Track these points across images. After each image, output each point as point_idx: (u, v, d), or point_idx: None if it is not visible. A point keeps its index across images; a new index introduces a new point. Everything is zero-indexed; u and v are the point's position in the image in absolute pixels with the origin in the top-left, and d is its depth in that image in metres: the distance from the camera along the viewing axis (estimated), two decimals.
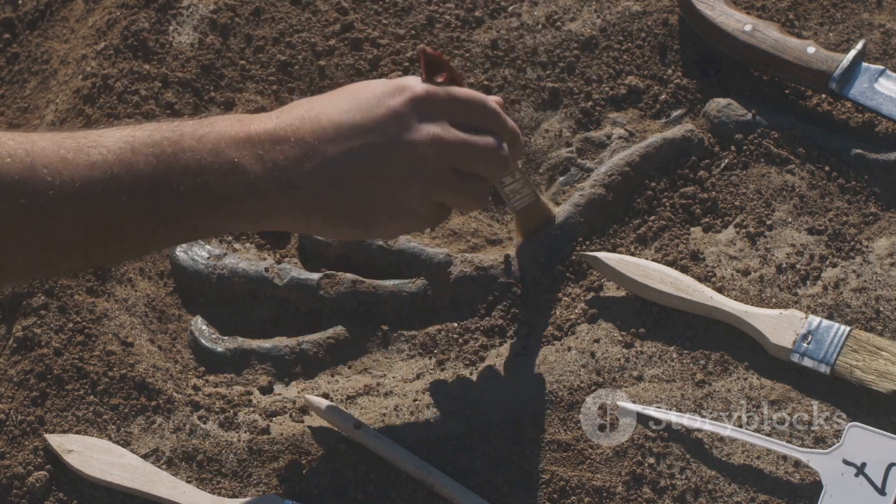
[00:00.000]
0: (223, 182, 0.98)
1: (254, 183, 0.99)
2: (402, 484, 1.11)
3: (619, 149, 1.27)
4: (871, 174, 1.23)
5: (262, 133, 1.00)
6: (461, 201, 1.08)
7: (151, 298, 1.25)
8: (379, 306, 1.22)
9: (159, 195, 0.97)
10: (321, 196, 1.01)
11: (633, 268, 1.18)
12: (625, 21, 1.34)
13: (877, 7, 1.33)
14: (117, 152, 0.95)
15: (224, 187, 0.98)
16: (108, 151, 0.95)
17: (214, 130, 0.99)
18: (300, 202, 1.01)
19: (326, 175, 1.01)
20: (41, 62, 1.44)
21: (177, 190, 0.97)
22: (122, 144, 0.96)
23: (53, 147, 0.94)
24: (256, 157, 0.99)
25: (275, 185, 1.00)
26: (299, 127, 1.01)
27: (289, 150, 1.00)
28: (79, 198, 0.93)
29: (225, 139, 0.99)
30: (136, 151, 0.96)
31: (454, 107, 1.05)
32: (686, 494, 1.08)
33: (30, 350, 1.18)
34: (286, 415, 1.16)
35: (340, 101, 1.04)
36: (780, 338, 1.12)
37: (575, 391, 1.14)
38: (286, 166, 1.00)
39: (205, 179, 0.98)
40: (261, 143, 1.00)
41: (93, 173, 0.94)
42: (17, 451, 1.14)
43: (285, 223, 1.05)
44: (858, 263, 1.17)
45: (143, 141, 0.97)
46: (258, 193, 0.99)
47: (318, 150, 1.01)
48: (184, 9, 1.39)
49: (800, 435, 1.09)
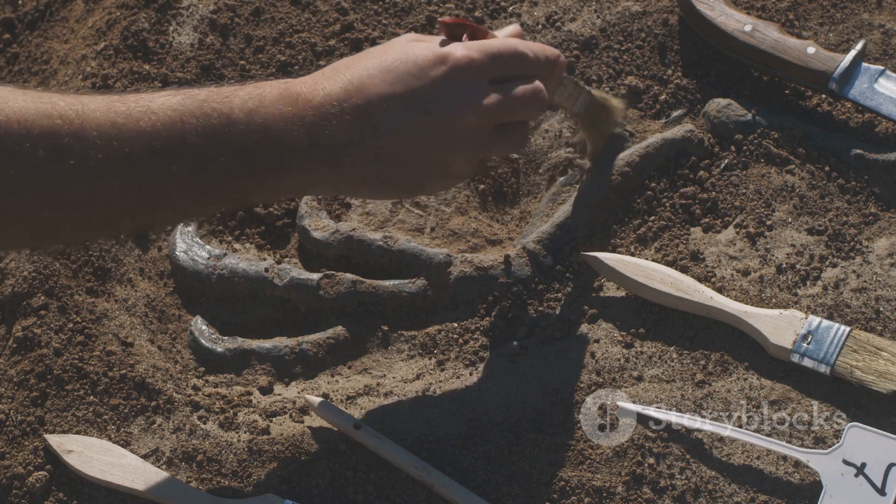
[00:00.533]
0: (270, 157, 1.00)
1: (301, 159, 1.02)
2: (402, 484, 1.11)
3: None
4: (871, 174, 1.23)
5: (309, 108, 1.02)
6: (504, 151, 1.12)
7: (151, 298, 1.25)
8: (379, 306, 1.22)
9: (205, 166, 0.99)
10: (366, 169, 1.04)
11: (633, 268, 1.18)
12: (625, 21, 1.34)
13: (877, 7, 1.33)
14: (166, 121, 0.97)
15: (270, 161, 1.01)
16: (158, 119, 0.97)
17: (263, 105, 1.01)
18: (346, 175, 1.04)
19: (373, 150, 1.03)
20: (41, 62, 1.44)
21: (224, 162, 0.99)
22: (172, 113, 0.98)
23: (104, 110, 0.96)
24: (304, 132, 1.01)
25: (321, 160, 1.02)
26: (345, 100, 1.03)
27: (336, 124, 1.02)
28: (127, 163, 0.95)
29: (273, 114, 1.01)
30: (185, 122, 0.98)
31: (491, 65, 1.07)
32: (686, 494, 1.08)
33: (30, 350, 1.18)
34: (286, 415, 1.16)
35: (383, 69, 1.05)
36: (779, 338, 1.12)
37: (575, 391, 1.13)
38: (332, 142, 1.02)
39: (251, 154, 1.00)
40: (308, 117, 1.02)
41: (142, 140, 0.96)
42: (17, 451, 1.14)
43: (329, 191, 1.10)
44: (858, 263, 1.17)
45: (193, 112, 0.98)
46: (304, 168, 1.02)
47: (363, 124, 1.03)
48: (184, 9, 1.39)
49: (800, 435, 1.09)
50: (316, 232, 1.26)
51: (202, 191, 1.00)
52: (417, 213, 1.29)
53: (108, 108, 0.96)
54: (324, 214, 1.28)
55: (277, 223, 1.31)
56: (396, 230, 1.27)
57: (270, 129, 1.00)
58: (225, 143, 0.99)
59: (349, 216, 1.29)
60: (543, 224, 1.24)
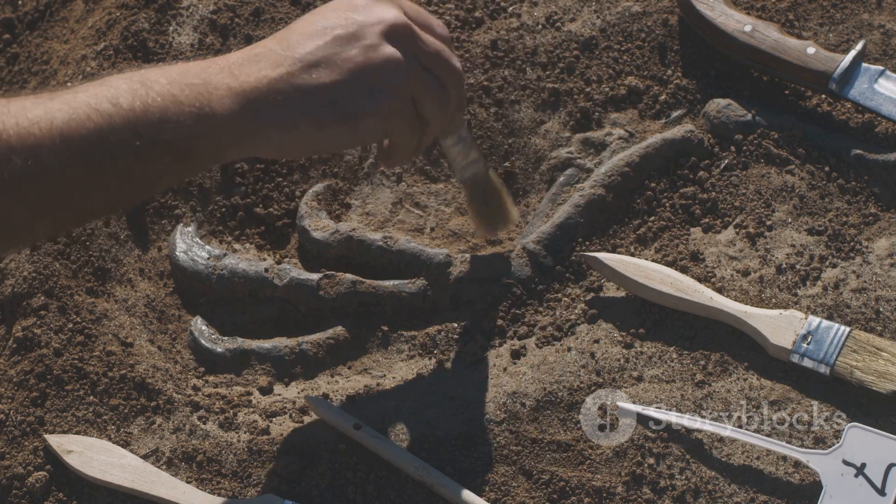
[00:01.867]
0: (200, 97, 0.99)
1: (231, 94, 1.00)
2: (402, 484, 1.11)
3: (618, 149, 1.27)
4: (871, 174, 1.23)
5: (231, 59, 1.03)
6: (432, 101, 1.08)
7: (151, 299, 1.25)
8: (379, 306, 1.22)
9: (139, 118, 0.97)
10: (301, 92, 1.02)
11: (633, 268, 1.18)
12: (625, 21, 1.34)
13: (877, 7, 1.33)
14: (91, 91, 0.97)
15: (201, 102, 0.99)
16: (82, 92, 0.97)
17: (179, 65, 1.02)
18: (282, 104, 1.02)
19: (303, 70, 1.03)
20: (41, 62, 1.44)
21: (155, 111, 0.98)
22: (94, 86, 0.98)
23: (31, 98, 0.96)
24: (229, 73, 1.01)
25: (253, 92, 1.01)
26: (266, 45, 1.05)
27: (261, 63, 1.03)
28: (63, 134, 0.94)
29: (192, 68, 1.01)
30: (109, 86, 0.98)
31: (409, 11, 1.09)
32: (686, 495, 1.08)
33: (30, 350, 1.18)
34: (286, 415, 1.16)
35: (300, 21, 1.07)
36: (779, 338, 1.12)
37: (575, 391, 1.14)
38: (262, 74, 1.02)
39: (181, 97, 0.99)
40: (231, 65, 1.02)
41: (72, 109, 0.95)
42: (17, 452, 1.14)
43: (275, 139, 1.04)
44: (858, 264, 1.17)
45: (113, 79, 0.99)
46: (239, 105, 1.00)
47: (288, 54, 1.03)
48: (184, 9, 1.39)
49: (800, 435, 1.09)
50: (316, 232, 1.26)
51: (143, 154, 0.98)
52: (417, 213, 1.29)
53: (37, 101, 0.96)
54: (324, 214, 1.28)
55: (277, 223, 1.31)
56: (396, 230, 1.27)
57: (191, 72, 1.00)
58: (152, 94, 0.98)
59: (349, 216, 1.29)
60: (543, 224, 1.24)
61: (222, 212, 1.31)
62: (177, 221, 1.30)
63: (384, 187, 1.31)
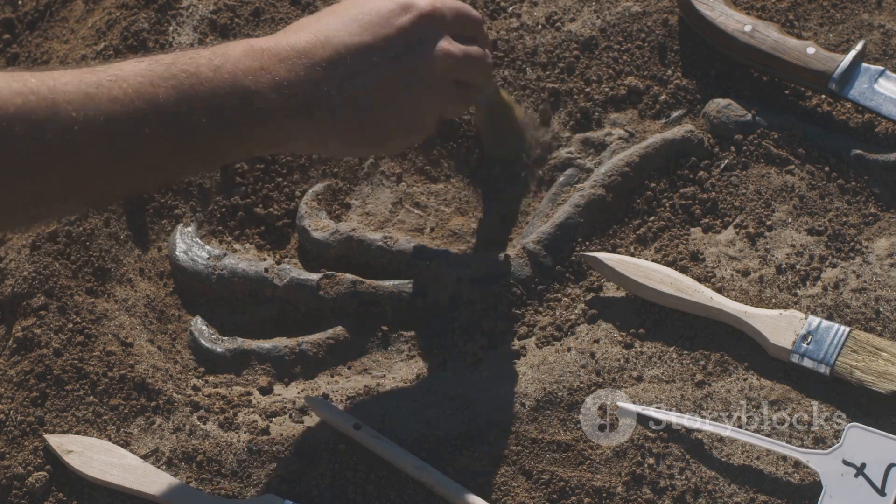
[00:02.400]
0: (241, 111, 1.01)
1: (271, 111, 1.02)
2: (402, 484, 1.11)
3: (618, 149, 1.27)
4: (871, 174, 1.23)
5: (276, 61, 1.03)
6: (456, 109, 1.16)
7: (151, 299, 1.25)
8: (379, 306, 1.22)
9: (180, 126, 0.99)
10: (338, 118, 1.05)
11: (632, 268, 1.18)
12: (625, 21, 1.34)
13: (877, 7, 1.33)
14: (137, 86, 0.98)
15: (242, 116, 1.01)
16: (129, 86, 0.97)
17: (229, 61, 1.02)
18: (318, 126, 1.05)
19: (342, 97, 1.04)
20: (41, 62, 1.44)
21: (197, 121, 0.99)
22: (141, 79, 0.98)
23: (75, 83, 0.96)
24: (273, 84, 1.02)
25: (293, 112, 1.03)
26: (312, 52, 1.04)
27: (304, 75, 1.03)
28: (103, 132, 0.96)
29: (241, 69, 1.02)
30: (156, 85, 0.98)
31: (453, 21, 1.11)
32: (686, 495, 1.08)
33: (30, 350, 1.18)
34: (286, 415, 1.16)
35: (347, 21, 1.07)
36: (779, 338, 1.12)
37: (575, 391, 1.14)
38: (303, 92, 1.03)
39: (223, 110, 1.00)
40: (275, 70, 1.03)
41: (115, 107, 0.96)
42: (17, 452, 1.14)
43: (303, 147, 1.10)
44: (858, 264, 1.17)
45: (162, 74, 0.99)
46: (276, 120, 1.03)
47: (332, 74, 1.04)
48: (184, 9, 1.39)
49: (800, 435, 1.09)
50: (316, 232, 1.26)
51: (178, 151, 1.00)
52: (417, 213, 1.29)
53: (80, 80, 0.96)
54: (324, 215, 1.28)
55: (277, 223, 1.31)
56: (396, 230, 1.27)
57: (239, 82, 1.01)
58: (195, 101, 0.99)
59: (349, 216, 1.29)
60: (543, 224, 1.24)
61: (222, 212, 1.31)
62: (177, 221, 1.30)
63: (384, 187, 1.31)
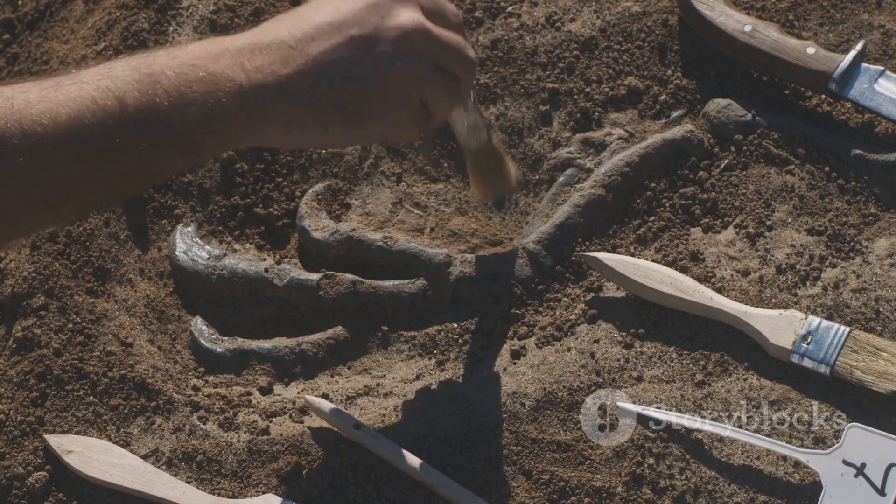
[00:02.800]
0: (208, 95, 0.97)
1: (240, 92, 0.98)
2: (402, 484, 1.11)
3: (618, 149, 1.27)
4: (871, 174, 1.23)
5: (241, 44, 1.00)
6: (441, 98, 1.07)
7: (151, 299, 1.25)
8: (379, 306, 1.22)
9: (146, 118, 0.96)
10: (311, 95, 1.00)
11: (632, 268, 1.18)
12: (625, 21, 1.34)
13: (877, 7, 1.33)
14: (97, 83, 0.95)
15: (209, 100, 0.97)
16: (88, 84, 0.95)
17: (188, 50, 0.99)
18: (290, 105, 1.00)
19: (313, 72, 1.00)
20: (41, 62, 1.44)
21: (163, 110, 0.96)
22: (101, 76, 0.96)
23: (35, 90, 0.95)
24: (238, 65, 0.99)
25: (262, 90, 0.99)
26: (278, 33, 1.01)
27: (271, 55, 1.00)
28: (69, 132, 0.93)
29: (202, 55, 0.99)
30: (116, 78, 0.96)
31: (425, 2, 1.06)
32: (686, 495, 1.08)
33: (30, 350, 1.18)
34: (286, 415, 1.16)
35: (315, 6, 1.04)
36: (779, 338, 1.12)
37: (575, 391, 1.14)
38: (271, 70, 0.99)
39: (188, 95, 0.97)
40: (240, 53, 0.99)
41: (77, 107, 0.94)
42: (17, 452, 1.14)
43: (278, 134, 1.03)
44: (858, 264, 1.17)
45: (121, 68, 0.97)
46: (245, 102, 0.98)
47: (300, 50, 1.00)
48: (184, 9, 1.39)
49: (800, 435, 1.09)
50: (316, 232, 1.26)
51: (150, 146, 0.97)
52: (417, 213, 1.29)
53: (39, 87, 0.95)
54: (324, 215, 1.28)
55: (277, 223, 1.31)
56: (396, 230, 1.27)
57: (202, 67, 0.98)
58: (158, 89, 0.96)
59: (349, 216, 1.29)
60: (543, 224, 1.24)
61: (222, 212, 1.31)
62: (177, 221, 1.30)
63: (384, 187, 1.31)
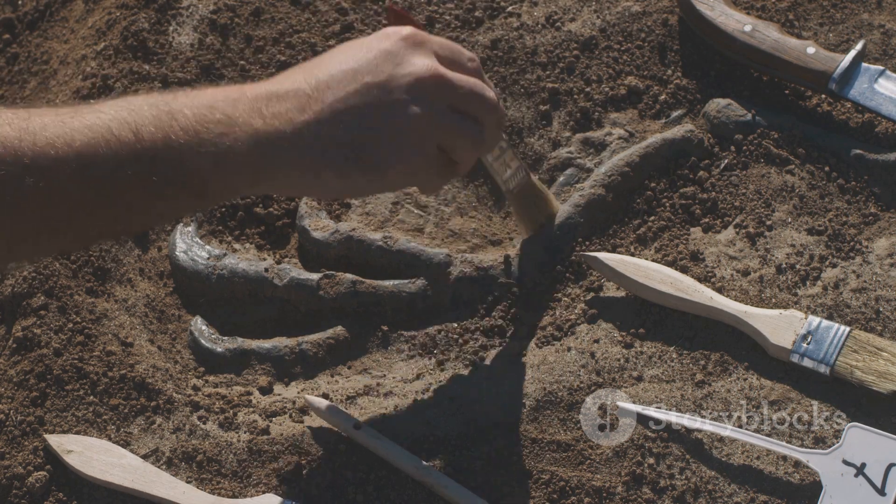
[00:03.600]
0: (223, 136, 0.98)
1: (255, 136, 0.99)
2: (402, 484, 1.11)
3: (618, 149, 1.27)
4: (871, 174, 1.23)
5: (260, 91, 1.01)
6: (462, 143, 1.07)
7: (151, 299, 1.25)
8: (379, 306, 1.22)
9: (160, 153, 0.96)
10: (327, 143, 1.01)
11: (632, 268, 1.18)
12: (625, 21, 1.34)
13: (877, 7, 1.33)
14: (114, 115, 0.96)
15: (224, 141, 0.98)
16: (105, 115, 0.96)
17: (209, 92, 1.00)
18: (306, 153, 1.01)
19: (328, 119, 1.01)
20: (41, 62, 1.44)
21: (177, 147, 0.96)
22: (118, 109, 0.97)
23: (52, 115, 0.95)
24: (255, 111, 0.99)
25: (277, 135, 0.99)
26: (295, 81, 1.02)
27: (288, 102, 1.00)
28: (80, 159, 0.94)
29: (220, 98, 0.99)
30: (134, 111, 0.96)
31: (440, 50, 1.06)
32: (686, 494, 1.08)
33: (30, 350, 1.18)
34: (286, 415, 1.16)
35: (333, 56, 1.05)
36: (779, 338, 1.12)
37: (575, 391, 1.14)
38: (288, 117, 1.00)
39: (203, 134, 0.97)
40: (258, 100, 1.00)
41: (92, 134, 0.94)
42: (17, 451, 1.14)
43: (294, 181, 1.03)
44: (858, 264, 1.17)
45: (139, 104, 0.97)
46: (261, 147, 0.99)
47: (317, 98, 1.01)
48: (184, 9, 1.39)
49: (800, 435, 1.09)
50: (316, 232, 1.26)
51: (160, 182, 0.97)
52: (417, 213, 1.29)
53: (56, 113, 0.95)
54: (324, 214, 1.28)
55: (277, 223, 1.31)
56: (396, 230, 1.27)
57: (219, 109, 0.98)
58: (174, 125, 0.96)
59: (349, 216, 1.29)
60: None
61: (222, 212, 1.31)
62: (177, 221, 1.29)
63: None
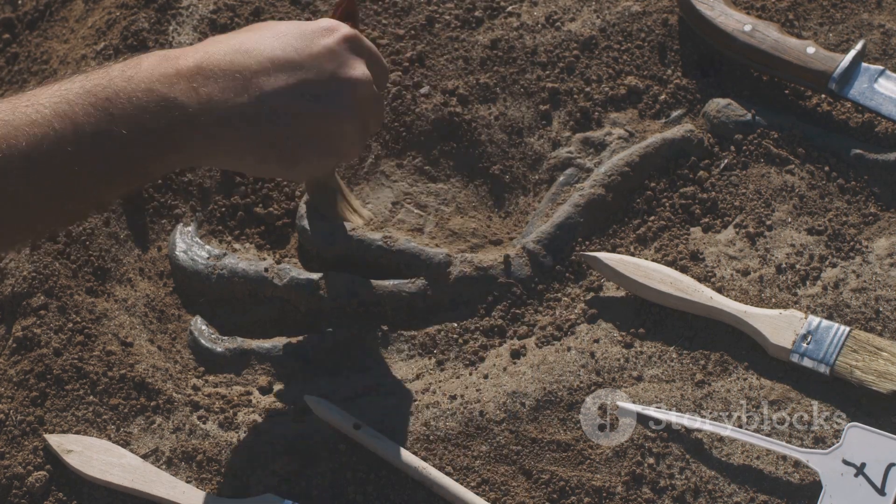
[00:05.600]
0: (161, 118, 0.98)
1: (191, 116, 0.99)
2: (402, 484, 1.11)
3: (618, 149, 1.27)
4: (870, 174, 1.23)
5: (193, 67, 1.00)
6: (376, 124, 1.12)
7: (151, 298, 1.25)
8: (379, 306, 1.22)
9: (102, 142, 0.96)
10: (258, 130, 1.01)
11: (632, 268, 1.18)
12: (625, 21, 1.34)
13: (877, 7, 1.33)
14: (53, 107, 0.96)
15: (162, 123, 0.98)
16: (45, 107, 0.95)
17: (142, 70, 0.99)
18: (237, 136, 1.01)
19: (264, 109, 1.01)
20: (41, 62, 1.44)
21: (118, 134, 0.97)
22: (57, 99, 0.96)
23: None
24: (191, 90, 0.99)
25: (212, 118, 0.99)
26: (232, 60, 1.01)
27: (224, 83, 1.00)
28: (27, 158, 0.94)
29: (155, 77, 0.99)
30: (72, 103, 0.96)
31: (370, 58, 1.08)
32: (686, 494, 1.08)
33: (30, 350, 1.18)
34: (286, 415, 1.16)
35: (267, 37, 1.04)
36: (779, 338, 1.12)
37: (575, 391, 1.14)
38: (223, 99, 1.00)
39: (142, 118, 0.97)
40: (192, 77, 1.00)
41: (35, 131, 0.94)
42: (17, 451, 1.14)
43: (221, 160, 1.07)
44: (858, 263, 1.18)
45: (76, 92, 0.97)
46: (196, 127, 0.99)
47: (255, 83, 1.01)
48: (184, 9, 1.39)
49: (800, 435, 1.09)
50: (315, 232, 1.26)
51: (106, 169, 0.98)
52: (417, 213, 1.29)
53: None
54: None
55: (277, 223, 1.31)
56: (396, 230, 1.27)
57: (155, 90, 0.98)
58: (113, 112, 0.97)
59: None
60: (543, 224, 1.24)
61: (222, 211, 1.31)
62: (177, 221, 1.30)
63: (384, 187, 1.31)
